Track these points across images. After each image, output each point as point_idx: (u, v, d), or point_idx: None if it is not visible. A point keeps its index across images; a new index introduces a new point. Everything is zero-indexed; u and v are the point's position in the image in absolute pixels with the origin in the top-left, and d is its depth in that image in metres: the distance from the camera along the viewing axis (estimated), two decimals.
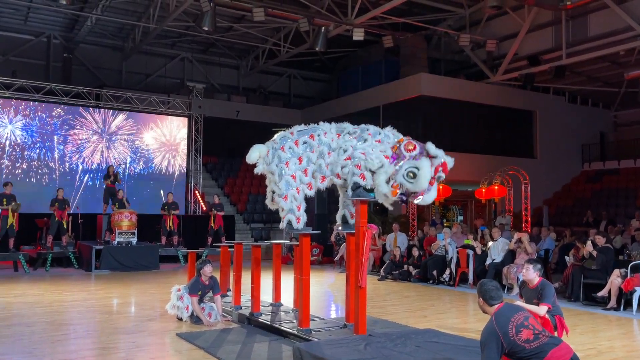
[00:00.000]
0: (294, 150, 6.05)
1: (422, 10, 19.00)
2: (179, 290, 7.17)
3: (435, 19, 19.80)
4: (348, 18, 17.10)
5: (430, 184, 5.78)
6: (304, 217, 6.04)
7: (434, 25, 19.86)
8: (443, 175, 5.86)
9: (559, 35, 18.56)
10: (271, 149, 6.13)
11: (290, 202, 5.95)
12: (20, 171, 16.57)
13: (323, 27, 17.06)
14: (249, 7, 16.26)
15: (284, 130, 6.30)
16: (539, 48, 19.50)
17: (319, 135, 6.11)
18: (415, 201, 5.94)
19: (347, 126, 6.24)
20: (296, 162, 6.02)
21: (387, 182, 5.79)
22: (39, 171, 16.85)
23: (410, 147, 5.81)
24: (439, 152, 5.79)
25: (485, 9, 16.03)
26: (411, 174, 5.73)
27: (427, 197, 5.85)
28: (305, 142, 6.09)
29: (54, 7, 18.23)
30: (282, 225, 6.07)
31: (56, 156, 17.08)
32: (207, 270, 7.13)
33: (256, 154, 6.16)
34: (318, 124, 6.32)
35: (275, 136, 6.28)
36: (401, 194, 5.82)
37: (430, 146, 5.77)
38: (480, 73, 21.36)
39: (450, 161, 5.86)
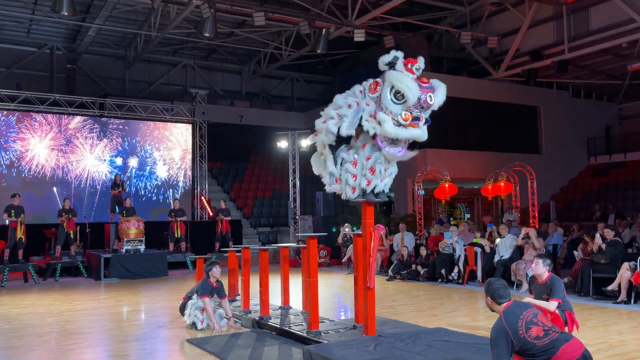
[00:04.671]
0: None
1: (423, 9, 19.01)
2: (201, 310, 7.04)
3: (436, 17, 19.79)
4: (348, 19, 17.13)
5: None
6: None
7: (434, 23, 19.86)
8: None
9: (560, 29, 18.52)
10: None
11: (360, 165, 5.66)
12: (27, 182, 16.64)
13: (324, 30, 17.10)
14: (249, 12, 16.31)
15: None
16: (540, 43, 19.46)
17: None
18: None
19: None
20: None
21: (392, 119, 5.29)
22: (46, 182, 16.93)
23: (373, 87, 5.47)
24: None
25: (486, 6, 16.05)
26: (399, 96, 5.24)
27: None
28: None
29: (56, 19, 18.34)
30: (357, 191, 5.68)
31: (61, 166, 17.15)
32: (216, 271, 7.10)
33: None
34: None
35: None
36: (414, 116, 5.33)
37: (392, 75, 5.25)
38: (482, 70, 21.33)
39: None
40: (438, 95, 5.46)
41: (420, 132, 5.47)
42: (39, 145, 16.88)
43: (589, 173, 23.23)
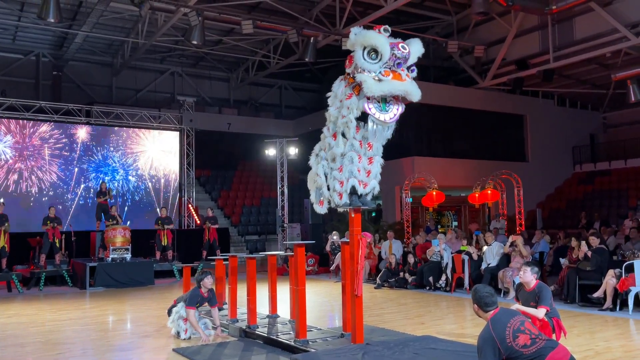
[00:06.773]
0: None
1: (410, 18, 19.15)
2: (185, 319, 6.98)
3: (423, 26, 19.95)
4: (336, 28, 17.20)
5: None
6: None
7: (421, 32, 19.98)
8: None
9: (545, 39, 18.74)
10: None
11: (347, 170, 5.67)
12: (11, 190, 16.44)
13: (312, 38, 17.15)
14: (237, 20, 16.32)
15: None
16: (526, 52, 19.68)
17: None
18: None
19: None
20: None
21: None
22: (31, 190, 16.73)
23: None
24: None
25: (472, 16, 16.17)
26: (373, 54, 5.13)
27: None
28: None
29: (42, 26, 18.21)
30: (344, 198, 5.66)
31: (48, 174, 16.97)
32: (208, 282, 7.04)
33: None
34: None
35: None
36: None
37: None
38: (469, 79, 21.50)
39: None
40: (412, 45, 5.39)
41: (409, 85, 5.18)
42: (25, 153, 16.69)
43: (575, 181, 23.46)
